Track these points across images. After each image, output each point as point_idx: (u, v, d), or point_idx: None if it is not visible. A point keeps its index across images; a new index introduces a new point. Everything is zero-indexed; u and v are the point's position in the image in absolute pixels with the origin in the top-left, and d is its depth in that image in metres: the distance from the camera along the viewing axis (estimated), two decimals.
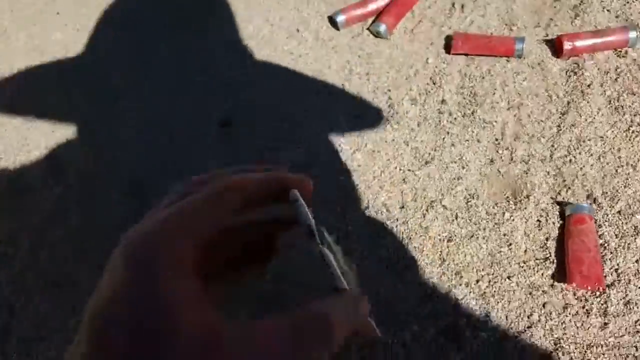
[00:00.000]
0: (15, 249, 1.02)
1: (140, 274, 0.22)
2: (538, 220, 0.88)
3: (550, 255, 0.83)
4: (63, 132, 1.21)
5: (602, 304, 0.77)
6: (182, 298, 0.22)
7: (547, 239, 0.86)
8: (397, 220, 0.93)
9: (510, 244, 0.85)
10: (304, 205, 0.31)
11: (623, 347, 0.73)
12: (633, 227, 0.85)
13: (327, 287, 0.29)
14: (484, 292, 0.80)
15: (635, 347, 0.73)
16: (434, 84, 1.12)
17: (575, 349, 0.73)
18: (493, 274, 0.82)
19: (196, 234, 0.24)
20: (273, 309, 0.81)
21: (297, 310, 0.24)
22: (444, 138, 1.06)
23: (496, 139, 1.04)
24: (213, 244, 0.25)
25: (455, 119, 1.08)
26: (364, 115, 1.12)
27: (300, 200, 0.31)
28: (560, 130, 1.01)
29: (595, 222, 0.86)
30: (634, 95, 1.02)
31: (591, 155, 0.97)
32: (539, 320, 0.76)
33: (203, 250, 0.24)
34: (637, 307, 0.76)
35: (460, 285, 0.81)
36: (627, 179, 0.91)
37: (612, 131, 0.98)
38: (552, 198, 0.91)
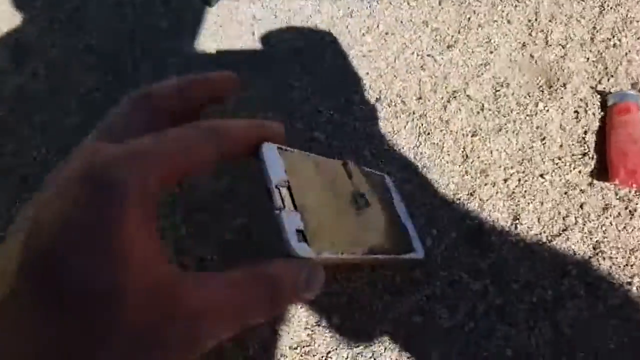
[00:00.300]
0: None
1: (99, 200, 0.20)
2: (576, 112, 0.77)
3: (589, 151, 0.73)
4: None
5: None
6: (144, 242, 0.21)
7: (585, 132, 0.75)
8: (414, 113, 0.82)
9: (544, 138, 0.75)
10: (270, 164, 0.34)
11: None
12: None
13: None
14: (513, 192, 0.70)
15: None
16: None
17: (617, 253, 0.65)
18: (524, 172, 0.72)
19: (169, 175, 0.23)
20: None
21: (246, 268, 0.25)
22: (469, 18, 0.93)
23: (529, 20, 0.90)
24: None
25: None
26: None
27: (265, 159, 0.33)
28: (604, 10, 0.88)
29: None
30: None
31: (638, 38, 0.84)
32: (576, 223, 0.68)
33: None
34: None
35: (486, 184, 0.72)
36: None
37: None
38: (591, 87, 0.80)
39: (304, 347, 0.63)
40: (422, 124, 0.79)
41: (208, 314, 0.22)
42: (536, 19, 0.90)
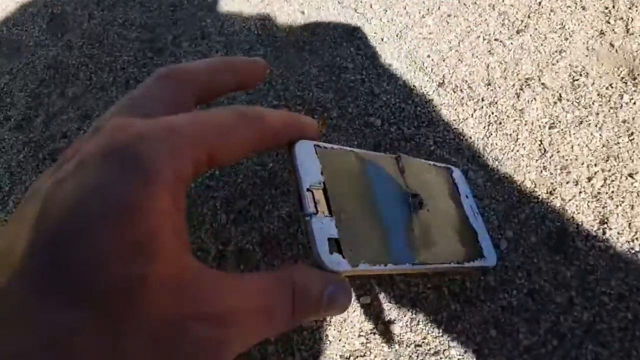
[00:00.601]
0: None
1: (125, 179, 0.19)
2: None
3: None
4: None
5: None
6: (171, 231, 0.20)
7: None
8: (483, 100, 0.74)
9: (632, 134, 0.67)
10: (304, 164, 0.31)
11: None
12: None
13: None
14: (599, 193, 0.62)
15: None
16: None
17: None
18: (609, 170, 0.64)
19: (203, 158, 0.22)
20: None
21: (271, 272, 0.25)
22: (539, 3, 0.85)
23: (606, 7, 0.82)
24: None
25: None
26: None
27: (298, 159, 0.31)
28: None
29: None
30: None
31: None
32: None
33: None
34: None
35: (567, 183, 0.64)
36: None
37: None
38: None
39: (357, 357, 0.56)
40: (492, 113, 0.71)
41: (234, 318, 0.21)
42: (614, 6, 0.82)
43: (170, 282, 0.19)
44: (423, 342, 0.56)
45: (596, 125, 0.68)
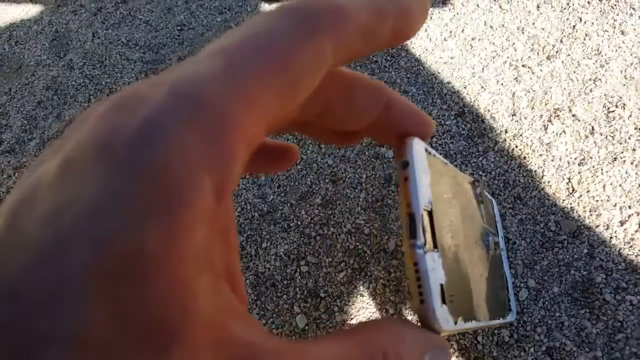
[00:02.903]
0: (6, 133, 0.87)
1: (133, 199, 0.12)
2: None
3: None
4: (69, 7, 1.03)
5: None
6: (205, 286, 0.13)
7: None
8: (507, 131, 0.71)
9: None
10: (419, 175, 0.24)
11: None
12: None
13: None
14: (632, 239, 0.59)
15: None
16: None
17: None
18: None
19: (261, 132, 0.15)
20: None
21: (359, 341, 0.18)
22: (574, 26, 0.82)
23: None
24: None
25: (589, 1, 0.84)
26: None
27: (415, 166, 0.24)
28: None
29: None
30: None
31: None
32: None
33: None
34: None
35: (597, 226, 0.60)
36: None
37: None
38: None
39: None
40: (516, 146, 0.69)
41: None
42: None
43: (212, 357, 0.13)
44: None
45: (632, 163, 0.65)
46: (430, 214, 0.26)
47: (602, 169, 0.65)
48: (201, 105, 0.13)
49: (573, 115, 0.71)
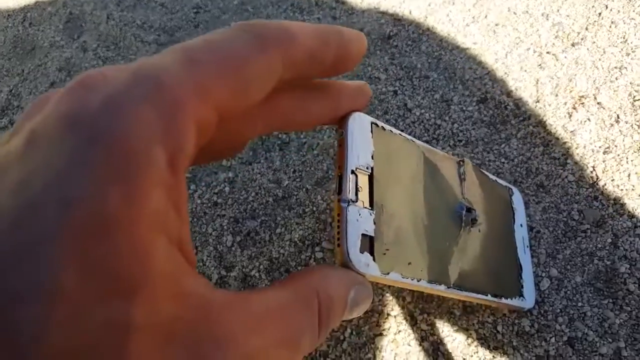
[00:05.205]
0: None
1: (97, 167, 0.14)
2: None
3: None
4: None
5: None
6: (162, 247, 0.16)
7: None
8: (530, 118, 0.70)
9: None
10: (355, 141, 0.29)
11: None
12: None
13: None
14: None
15: None
16: None
17: None
18: None
19: (210, 118, 0.18)
20: None
21: (294, 286, 0.22)
22: (599, 13, 0.81)
23: None
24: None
25: None
26: None
27: (350, 134, 0.29)
28: None
29: None
30: None
31: None
32: None
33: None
34: None
35: (621, 215, 0.59)
36: None
37: None
38: None
39: None
40: (539, 133, 0.68)
41: (255, 349, 0.18)
42: None
43: (164, 329, 0.15)
44: None
45: None
46: (370, 177, 0.31)
47: (627, 158, 0.64)
48: (160, 87, 0.16)
49: (598, 103, 0.70)
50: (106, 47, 0.93)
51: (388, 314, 0.57)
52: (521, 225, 0.51)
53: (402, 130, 0.69)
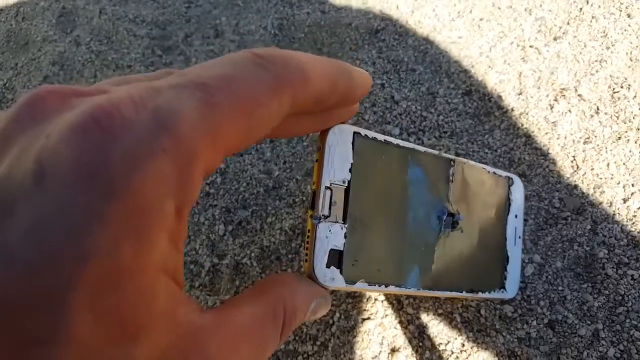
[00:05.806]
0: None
1: (100, 207, 0.15)
2: None
3: None
4: None
5: None
6: (163, 288, 0.17)
7: None
8: (513, 110, 0.72)
9: None
10: (331, 156, 0.30)
11: None
12: None
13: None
14: (634, 216, 0.60)
15: None
16: None
17: None
18: None
19: (218, 158, 0.18)
20: None
21: (264, 299, 0.24)
22: (580, 8, 0.83)
23: None
24: None
25: None
26: None
27: (327, 149, 0.29)
28: None
29: None
30: None
31: None
32: None
33: None
34: None
35: (601, 203, 0.61)
36: None
37: None
38: None
39: None
40: (522, 124, 0.70)
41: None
42: None
43: (161, 358, 0.17)
44: None
45: (636, 142, 0.66)
46: (347, 190, 0.32)
47: (606, 148, 0.66)
48: (178, 139, 0.16)
49: (579, 95, 0.72)
50: (99, 41, 0.93)
51: (375, 299, 0.59)
52: (516, 216, 0.53)
53: (388, 123, 0.70)
